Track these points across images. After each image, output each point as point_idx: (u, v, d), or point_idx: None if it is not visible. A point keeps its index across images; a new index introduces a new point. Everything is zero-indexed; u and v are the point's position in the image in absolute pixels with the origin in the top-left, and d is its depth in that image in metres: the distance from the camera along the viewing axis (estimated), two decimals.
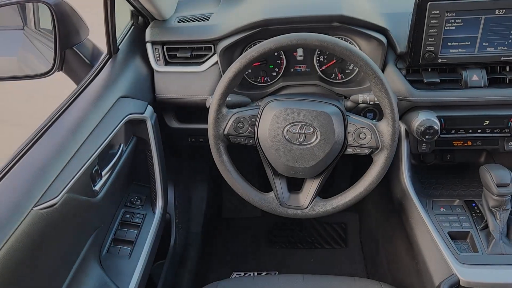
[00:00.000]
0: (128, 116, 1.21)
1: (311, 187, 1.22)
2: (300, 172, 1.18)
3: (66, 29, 1.24)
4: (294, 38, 1.08)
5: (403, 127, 1.36)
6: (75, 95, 1.15)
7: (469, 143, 1.36)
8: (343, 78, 1.44)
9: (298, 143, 1.14)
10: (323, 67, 1.44)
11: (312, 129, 1.13)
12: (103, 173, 1.11)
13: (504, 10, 1.19)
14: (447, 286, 1.11)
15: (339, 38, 1.37)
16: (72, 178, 0.94)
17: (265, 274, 1.90)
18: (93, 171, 1.04)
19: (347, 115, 1.16)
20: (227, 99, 1.25)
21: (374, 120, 1.16)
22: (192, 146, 1.64)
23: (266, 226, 2.18)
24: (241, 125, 1.18)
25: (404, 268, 1.42)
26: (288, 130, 1.14)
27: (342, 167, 2.13)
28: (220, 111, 1.16)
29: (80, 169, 0.97)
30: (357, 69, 1.40)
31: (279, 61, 1.45)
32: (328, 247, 2.05)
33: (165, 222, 1.70)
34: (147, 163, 1.35)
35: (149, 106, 1.33)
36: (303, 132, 1.13)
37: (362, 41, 1.36)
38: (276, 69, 1.46)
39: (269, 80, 1.46)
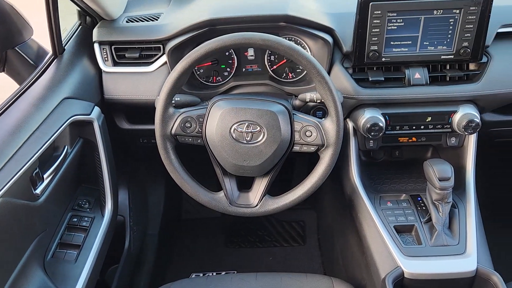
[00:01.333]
0: (73, 118, 1.19)
1: (260, 186, 1.23)
2: (248, 170, 1.18)
3: (7, 29, 1.21)
4: (238, 37, 1.09)
5: (351, 125, 1.39)
6: (16, 97, 1.12)
7: (414, 139, 1.41)
8: (293, 78, 1.45)
9: (245, 142, 1.15)
10: (274, 67, 1.45)
11: (258, 128, 1.14)
12: (45, 176, 1.08)
13: (441, 11, 1.23)
14: (391, 278, 1.14)
15: (287, 37, 1.40)
16: (8, 182, 0.91)
17: (224, 274, 1.90)
18: (33, 174, 1.01)
19: (293, 114, 1.18)
20: (176, 99, 1.24)
21: (320, 118, 1.19)
22: (147, 147, 1.62)
23: (225, 226, 2.18)
24: (189, 125, 1.17)
25: (355, 263, 1.45)
26: (235, 129, 1.15)
27: (301, 165, 2.16)
28: (167, 111, 1.15)
29: (17, 172, 0.94)
30: None
31: (230, 61, 1.45)
32: (287, 245, 2.07)
33: (119, 225, 1.67)
34: (95, 165, 1.32)
35: (96, 107, 1.30)
36: (250, 131, 1.14)
37: (309, 41, 1.38)
38: (228, 69, 1.46)
39: (221, 80, 1.47)
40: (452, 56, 1.29)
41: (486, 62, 1.32)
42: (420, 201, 1.34)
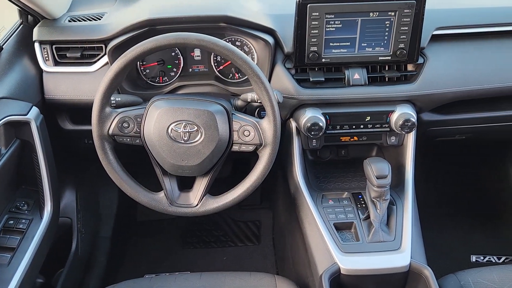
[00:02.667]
0: (7, 118, 1.16)
1: (200, 185, 1.23)
2: (187, 170, 1.19)
3: None
4: (173, 37, 1.09)
5: (293, 124, 1.41)
6: None
7: (355, 138, 1.44)
8: (240, 78, 1.47)
9: (183, 141, 1.15)
10: (221, 67, 1.46)
11: (196, 128, 1.14)
12: None
13: (377, 13, 1.27)
14: (328, 274, 1.16)
15: (232, 38, 1.41)
16: None
17: (169, 274, 1.89)
18: None
19: (232, 114, 1.19)
20: (117, 99, 1.23)
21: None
22: (93, 148, 1.60)
23: (181, 227, 2.18)
24: (126, 125, 1.17)
25: (301, 260, 1.47)
26: (172, 129, 1.15)
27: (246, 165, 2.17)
28: (103, 111, 1.14)
29: None
30: None
31: (176, 62, 1.45)
32: (242, 244, 2.08)
33: (65, 227, 1.64)
34: (34, 166, 1.30)
35: (34, 107, 1.28)
36: (187, 130, 1.14)
37: (252, 42, 1.39)
38: (174, 69, 1.46)
39: (167, 80, 1.47)
40: (390, 57, 1.33)
41: (422, 63, 1.36)
42: (361, 199, 1.37)
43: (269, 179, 1.98)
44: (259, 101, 1.25)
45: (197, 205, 1.23)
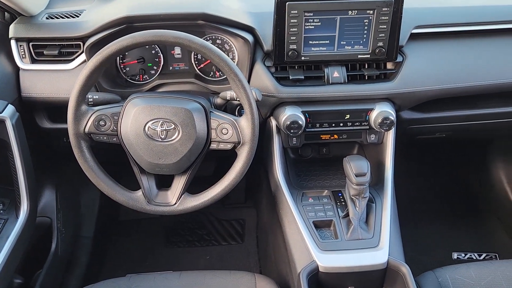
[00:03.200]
0: None
1: (179, 184, 1.22)
2: (165, 168, 1.18)
3: None
4: (150, 34, 1.08)
5: (274, 123, 1.41)
6: None
7: (335, 136, 1.44)
8: (220, 76, 1.46)
9: (160, 139, 1.14)
10: (202, 65, 1.45)
11: (173, 126, 1.14)
12: None
13: (356, 11, 1.27)
14: (306, 272, 1.16)
15: (213, 36, 1.40)
16: None
17: (148, 274, 1.88)
18: None
19: (210, 112, 1.19)
20: (95, 97, 1.22)
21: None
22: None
23: (164, 227, 2.16)
24: (103, 123, 1.15)
25: (281, 259, 1.47)
26: (149, 127, 1.14)
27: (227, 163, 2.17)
28: (79, 109, 1.13)
29: None
30: None
31: (157, 59, 1.44)
32: (225, 243, 2.08)
33: (44, 227, 1.63)
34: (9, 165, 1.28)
35: (10, 105, 1.26)
36: (164, 128, 1.14)
37: (232, 40, 1.39)
38: (155, 67, 1.45)
39: (147, 78, 1.46)
40: (369, 56, 1.33)
41: (401, 61, 1.36)
42: (341, 197, 1.37)
43: (253, 177, 1.98)
44: (238, 99, 1.25)
45: (175, 203, 1.22)
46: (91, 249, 1.89)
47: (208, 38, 1.41)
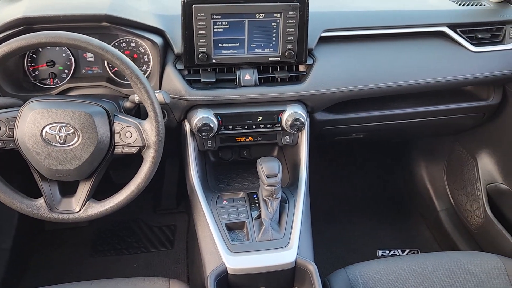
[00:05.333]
0: None
1: (83, 190, 1.19)
2: (66, 174, 1.14)
3: None
4: (43, 36, 1.04)
5: (188, 126, 1.39)
6: None
7: (250, 138, 1.45)
8: None
9: (59, 145, 1.11)
10: (115, 69, 1.42)
11: (72, 130, 1.10)
12: None
13: (263, 15, 1.29)
14: (214, 275, 1.16)
15: (125, 39, 1.37)
16: None
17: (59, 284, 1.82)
18: None
19: (114, 115, 1.16)
20: None
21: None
22: None
23: (92, 235, 2.10)
24: None
25: (198, 262, 1.45)
26: (47, 131, 1.10)
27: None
28: None
29: None
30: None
31: (68, 63, 1.40)
32: (154, 250, 2.04)
33: None
34: None
35: None
36: (63, 133, 1.10)
37: (143, 42, 1.37)
38: (66, 71, 1.40)
39: (58, 82, 1.41)
40: (279, 58, 1.35)
41: (312, 64, 1.39)
42: (256, 198, 1.38)
43: (185, 182, 1.96)
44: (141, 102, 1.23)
45: (79, 210, 1.18)
46: (10, 262, 1.80)
47: (121, 41, 1.38)
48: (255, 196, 1.39)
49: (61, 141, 1.10)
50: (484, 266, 1.30)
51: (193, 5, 1.24)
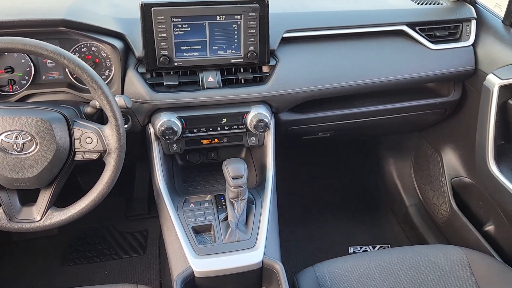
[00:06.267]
0: None
1: (44, 198, 1.16)
2: (25, 183, 1.12)
3: None
4: None
5: (152, 130, 1.39)
6: None
7: (216, 140, 1.45)
8: None
9: (16, 153, 1.08)
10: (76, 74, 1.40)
11: (29, 137, 1.08)
12: None
13: (223, 16, 1.29)
14: (181, 279, 1.15)
15: (86, 44, 1.35)
16: None
17: None
18: None
19: (74, 121, 1.14)
20: None
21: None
22: None
23: (62, 244, 2.06)
24: None
25: (167, 267, 1.45)
26: (3, 139, 1.07)
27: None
28: None
29: None
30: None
31: (28, 69, 1.37)
32: (126, 256, 2.02)
33: None
34: None
35: None
36: (19, 141, 1.08)
37: (103, 46, 1.35)
38: (26, 77, 1.37)
39: (18, 88, 1.38)
40: (242, 60, 1.35)
41: (275, 64, 1.40)
42: (223, 200, 1.37)
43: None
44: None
45: (40, 219, 1.16)
46: None
47: (82, 46, 1.36)
48: (222, 198, 1.38)
49: (18, 149, 1.08)
50: (447, 258, 1.33)
51: (152, 8, 1.23)
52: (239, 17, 1.30)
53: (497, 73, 1.44)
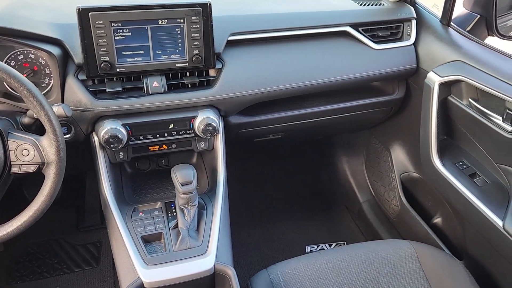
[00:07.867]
0: None
1: None
2: None
3: None
4: None
5: (96, 138, 1.34)
6: None
7: (164, 147, 1.42)
8: None
9: None
10: None
11: None
12: None
13: (166, 20, 1.26)
14: None
15: (22, 51, 1.29)
16: None
17: None
18: None
19: (8, 133, 1.09)
20: None
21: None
22: None
23: (8, 260, 1.96)
24: None
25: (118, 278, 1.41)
26: None
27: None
28: None
29: None
30: None
31: None
32: (78, 269, 1.94)
33: None
34: None
35: None
36: None
37: (40, 53, 1.30)
38: None
39: None
40: (187, 64, 1.33)
41: (221, 68, 1.39)
42: (173, 208, 1.35)
43: None
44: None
45: None
46: None
47: (19, 53, 1.29)
48: (172, 205, 1.36)
49: None
50: (397, 252, 1.36)
51: (90, 13, 1.19)
52: (182, 20, 1.28)
53: (436, 71, 1.49)
